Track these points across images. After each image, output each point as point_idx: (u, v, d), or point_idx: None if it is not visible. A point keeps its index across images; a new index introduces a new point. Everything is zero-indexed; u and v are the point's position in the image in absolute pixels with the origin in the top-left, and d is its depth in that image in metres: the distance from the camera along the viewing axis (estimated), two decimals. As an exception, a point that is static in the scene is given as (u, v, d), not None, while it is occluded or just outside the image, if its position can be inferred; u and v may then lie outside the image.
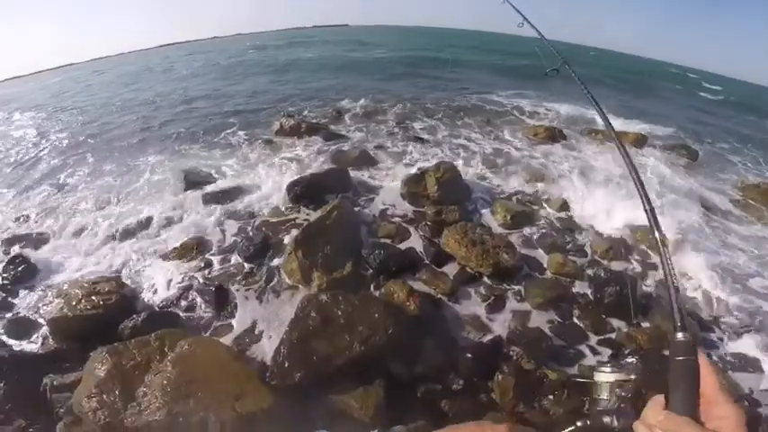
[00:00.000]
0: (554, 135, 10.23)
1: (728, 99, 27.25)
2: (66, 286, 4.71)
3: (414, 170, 7.42)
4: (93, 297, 4.40)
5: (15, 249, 5.93)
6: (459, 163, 8.00)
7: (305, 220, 6.29)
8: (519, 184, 7.53)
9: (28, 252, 5.84)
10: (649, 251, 5.81)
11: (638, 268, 5.64)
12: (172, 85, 20.69)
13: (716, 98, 27.02)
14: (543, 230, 6.24)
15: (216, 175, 7.88)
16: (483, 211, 6.61)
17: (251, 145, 9.46)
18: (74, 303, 4.31)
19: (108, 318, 4.30)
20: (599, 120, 11.20)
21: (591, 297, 4.95)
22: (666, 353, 0.78)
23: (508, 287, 5.07)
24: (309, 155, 8.59)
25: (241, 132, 10.46)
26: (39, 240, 6.31)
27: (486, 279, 5.16)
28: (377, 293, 4.93)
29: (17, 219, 7.12)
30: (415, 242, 5.87)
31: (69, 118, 15.09)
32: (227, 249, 5.83)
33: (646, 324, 4.71)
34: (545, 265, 5.54)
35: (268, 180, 7.56)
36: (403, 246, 5.80)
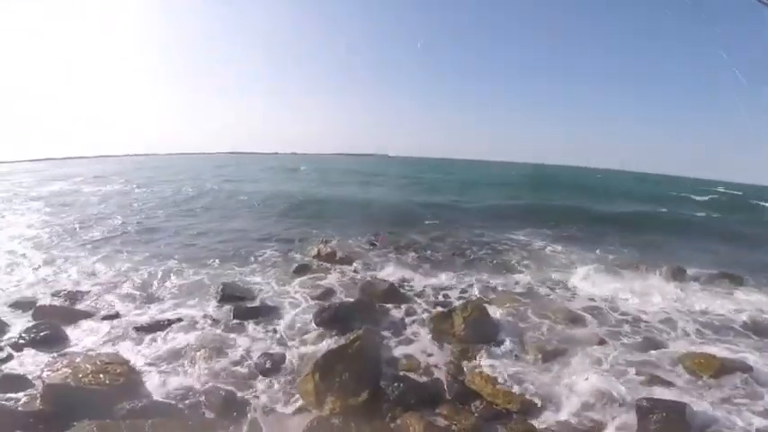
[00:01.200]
0: (587, 275, 10.03)
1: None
2: (78, 359, 4.77)
3: (441, 307, 7.45)
4: (102, 375, 4.43)
5: (47, 317, 6.28)
6: (489, 301, 7.92)
7: (327, 345, 6.24)
8: (553, 321, 7.27)
9: (58, 322, 6.11)
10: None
11: (687, 396, 5.09)
12: (225, 191, 24.68)
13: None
14: (578, 364, 5.83)
15: (252, 293, 8.14)
16: (513, 348, 6.25)
17: (288, 267, 9.90)
18: (80, 376, 4.34)
19: (108, 396, 4.22)
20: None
21: (635, 425, 4.49)
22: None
23: (540, 424, 4.58)
24: (341, 283, 8.85)
25: (280, 254, 11.13)
26: (74, 315, 6.68)
27: (514, 416, 4.71)
28: (392, 425, 4.59)
29: (61, 291, 7.81)
30: (438, 377, 5.56)
31: (121, 207, 18.19)
32: (245, 361, 5.75)
33: None
34: (580, 398, 5.03)
35: (299, 303, 7.74)
36: (424, 380, 5.50)
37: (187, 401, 4.69)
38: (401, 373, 5.64)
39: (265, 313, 7.27)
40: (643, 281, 9.63)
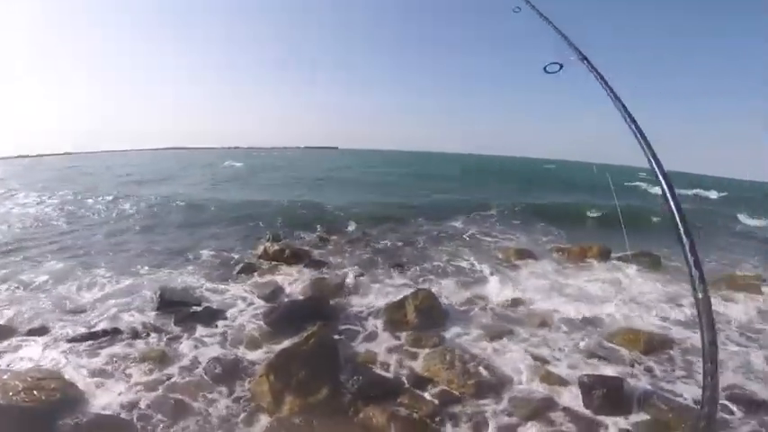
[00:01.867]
0: (524, 254, 10.85)
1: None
2: (6, 376, 4.29)
3: (393, 298, 7.46)
4: (35, 391, 4.00)
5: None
6: (437, 289, 8.05)
7: (280, 345, 6.09)
8: (497, 304, 7.66)
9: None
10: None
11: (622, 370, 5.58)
12: (152, 191, 22.61)
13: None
14: (524, 345, 6.18)
15: (193, 296, 7.65)
16: (462, 332, 6.52)
17: (231, 268, 9.42)
18: (10, 393, 3.91)
19: (46, 413, 3.87)
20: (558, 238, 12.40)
21: (580, 401, 4.81)
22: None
23: (494, 404, 4.80)
24: (291, 281, 8.54)
25: (219, 254, 10.50)
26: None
27: (470, 398, 4.88)
28: (355, 419, 4.58)
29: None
30: (396, 367, 5.61)
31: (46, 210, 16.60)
32: (193, 368, 5.40)
33: (645, 416, 4.57)
34: (529, 378, 5.34)
35: (246, 304, 7.41)
36: (383, 372, 5.53)
37: (135, 414, 4.35)
38: (360, 367, 5.62)
39: (210, 317, 6.87)
40: (575, 262, 10.43)
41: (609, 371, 5.45)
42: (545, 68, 2.25)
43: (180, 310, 6.95)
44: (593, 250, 10.98)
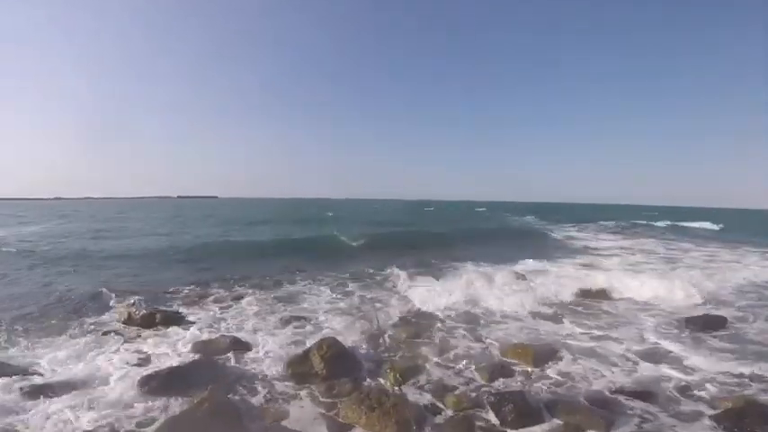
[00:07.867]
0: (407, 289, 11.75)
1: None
2: None
3: (296, 350, 7.07)
4: None
5: None
6: (342, 336, 7.75)
7: (165, 414, 5.19)
8: (400, 342, 7.84)
9: None
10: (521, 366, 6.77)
11: (520, 378, 6.30)
12: None
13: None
14: (432, 377, 6.40)
15: (40, 368, 6.12)
16: (374, 375, 6.46)
17: (87, 336, 7.76)
18: None
19: None
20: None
21: (495, 419, 5.10)
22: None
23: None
24: (168, 346, 7.31)
25: (73, 322, 8.62)
26: None
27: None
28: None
29: None
30: (312, 420, 5.22)
31: None
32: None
33: (557, 422, 5.00)
34: (445, 407, 5.50)
35: (113, 374, 6.13)
36: (298, 427, 5.08)
37: None
38: (268, 424, 5.12)
39: (67, 390, 5.58)
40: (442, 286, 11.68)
41: (510, 385, 6.03)
42: None
43: (24, 381, 5.58)
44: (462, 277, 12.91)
